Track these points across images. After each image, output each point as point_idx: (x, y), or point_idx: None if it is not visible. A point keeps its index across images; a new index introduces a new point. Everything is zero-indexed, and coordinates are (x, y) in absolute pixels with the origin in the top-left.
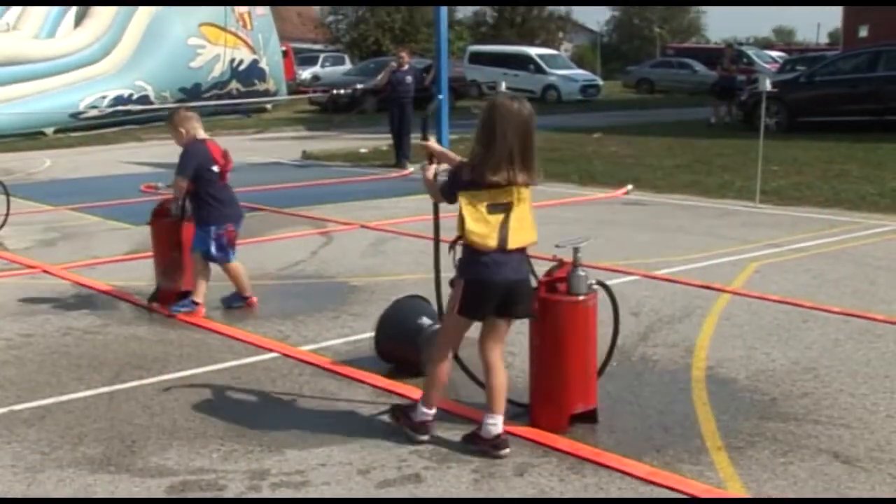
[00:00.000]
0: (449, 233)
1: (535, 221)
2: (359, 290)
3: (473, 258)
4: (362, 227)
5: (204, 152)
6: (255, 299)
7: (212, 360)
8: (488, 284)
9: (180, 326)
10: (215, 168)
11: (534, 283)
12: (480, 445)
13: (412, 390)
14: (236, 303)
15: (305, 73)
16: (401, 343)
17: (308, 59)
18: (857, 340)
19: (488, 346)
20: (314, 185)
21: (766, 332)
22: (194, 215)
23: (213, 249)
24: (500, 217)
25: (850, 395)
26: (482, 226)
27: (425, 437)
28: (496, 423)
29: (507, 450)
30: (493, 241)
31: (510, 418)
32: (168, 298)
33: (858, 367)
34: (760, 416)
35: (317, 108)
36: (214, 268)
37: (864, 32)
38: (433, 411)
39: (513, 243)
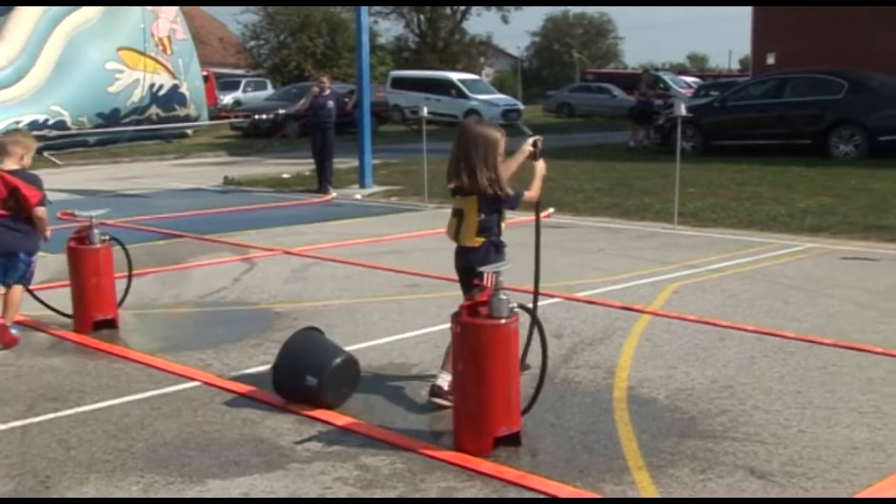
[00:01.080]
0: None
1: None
2: (282, 316)
3: None
4: (285, 252)
5: None
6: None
7: (131, 391)
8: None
9: (98, 356)
10: None
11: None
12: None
13: (336, 416)
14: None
15: (227, 99)
16: (294, 384)
17: (230, 84)
18: (771, 358)
19: None
20: (236, 211)
21: (684, 352)
22: None
23: None
24: (457, 220)
25: (764, 412)
26: (449, 223)
27: None
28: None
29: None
30: (451, 237)
31: (434, 443)
32: (84, 327)
33: (772, 384)
34: (680, 435)
35: (239, 133)
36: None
37: (771, 60)
38: None
39: (461, 241)
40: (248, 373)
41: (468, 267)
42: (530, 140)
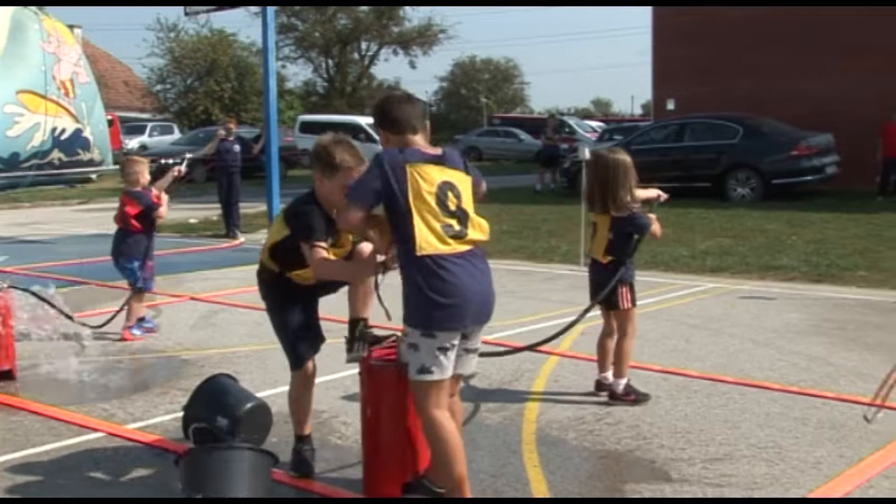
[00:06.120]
0: None
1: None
2: (189, 363)
3: None
4: (192, 299)
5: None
6: None
7: (30, 444)
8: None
9: None
10: None
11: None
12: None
13: None
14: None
15: (133, 143)
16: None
17: (135, 129)
18: (675, 397)
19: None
20: None
21: (592, 392)
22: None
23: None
24: (592, 232)
25: (669, 450)
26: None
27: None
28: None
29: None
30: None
31: (343, 486)
32: None
33: (677, 423)
34: (588, 476)
35: None
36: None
37: (671, 105)
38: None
39: (593, 254)
40: (153, 422)
41: (598, 281)
42: (656, 193)
